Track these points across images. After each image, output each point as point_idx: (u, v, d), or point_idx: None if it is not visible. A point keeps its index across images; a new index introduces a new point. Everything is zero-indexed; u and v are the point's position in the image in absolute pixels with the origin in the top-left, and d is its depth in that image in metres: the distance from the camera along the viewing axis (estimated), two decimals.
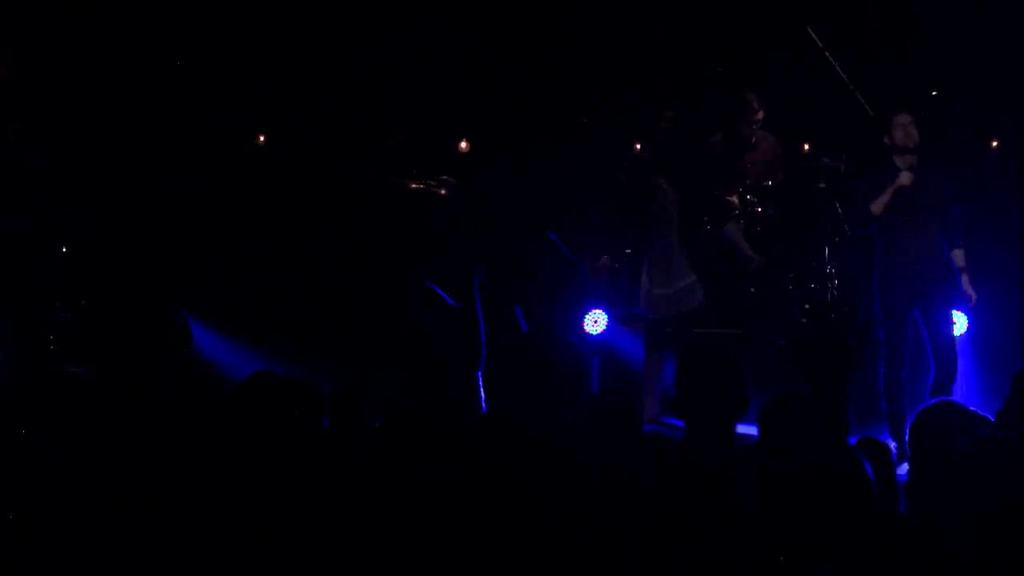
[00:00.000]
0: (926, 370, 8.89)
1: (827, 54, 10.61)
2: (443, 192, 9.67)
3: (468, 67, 11.01)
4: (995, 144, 11.15)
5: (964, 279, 8.87)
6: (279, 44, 10.96)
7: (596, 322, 10.34)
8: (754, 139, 10.57)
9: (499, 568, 4.19)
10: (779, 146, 10.85)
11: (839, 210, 10.86)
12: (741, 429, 4.66)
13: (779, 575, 4.04)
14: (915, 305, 8.75)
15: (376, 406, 5.42)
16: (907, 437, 4.74)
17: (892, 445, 8.23)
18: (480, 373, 8.89)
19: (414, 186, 9.75)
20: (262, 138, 11.24)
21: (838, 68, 10.57)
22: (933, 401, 4.77)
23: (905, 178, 8.64)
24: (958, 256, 8.88)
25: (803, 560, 4.01)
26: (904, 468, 5.43)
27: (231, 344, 9.84)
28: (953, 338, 8.81)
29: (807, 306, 10.79)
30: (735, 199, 10.37)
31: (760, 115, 10.49)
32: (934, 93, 10.80)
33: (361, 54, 11.05)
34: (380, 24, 11.07)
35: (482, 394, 8.85)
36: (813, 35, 10.71)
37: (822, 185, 10.88)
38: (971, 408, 4.70)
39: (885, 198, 8.64)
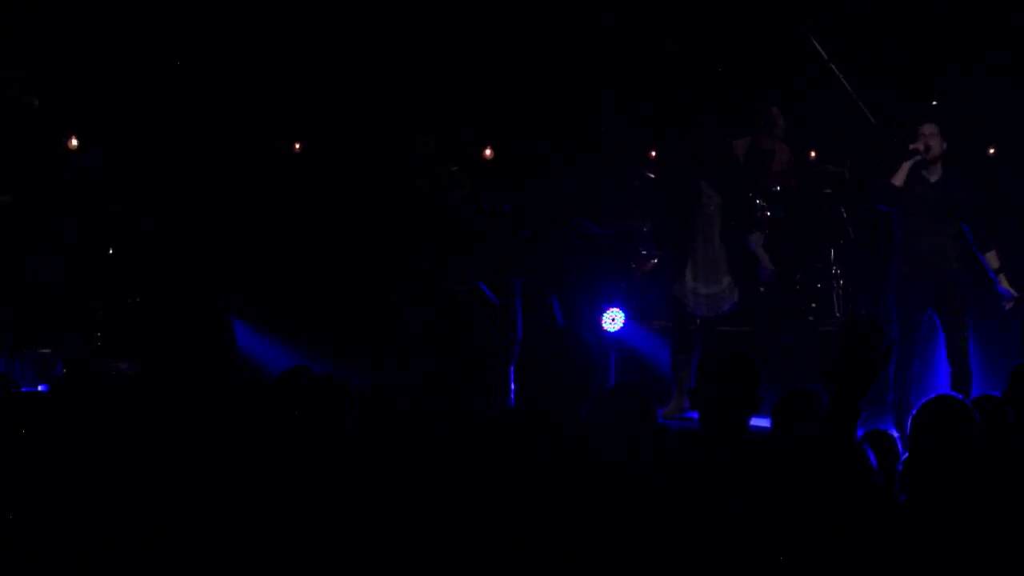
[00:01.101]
0: (935, 367, 8.87)
1: (832, 65, 10.61)
2: (458, 193, 9.67)
3: (495, 75, 11.04)
4: (992, 151, 11.13)
5: (1002, 278, 8.83)
6: (314, 54, 11.00)
7: (613, 320, 10.35)
8: (773, 151, 10.65)
9: (517, 557, 4.19)
10: (792, 156, 10.91)
11: (843, 214, 10.88)
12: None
13: (782, 566, 4.04)
14: (930, 306, 8.74)
15: (403, 402, 5.39)
16: (908, 429, 4.74)
17: (896, 435, 8.23)
18: (512, 367, 8.89)
19: (434, 187, 9.76)
20: (297, 145, 11.27)
21: (842, 78, 10.58)
22: (934, 395, 4.78)
23: (920, 147, 8.64)
24: (992, 258, 8.82)
25: (806, 545, 4.02)
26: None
27: (269, 341, 9.86)
28: (967, 341, 8.78)
29: (813, 305, 10.80)
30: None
31: (782, 130, 10.57)
32: (934, 103, 10.78)
33: (391, 62, 11.07)
34: (409, 32, 11.09)
35: (512, 387, 8.85)
36: (818, 47, 10.71)
37: (827, 190, 10.92)
38: (970, 404, 4.70)
39: (903, 172, 8.66)
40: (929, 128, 8.73)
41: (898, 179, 8.67)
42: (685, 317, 9.35)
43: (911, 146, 8.67)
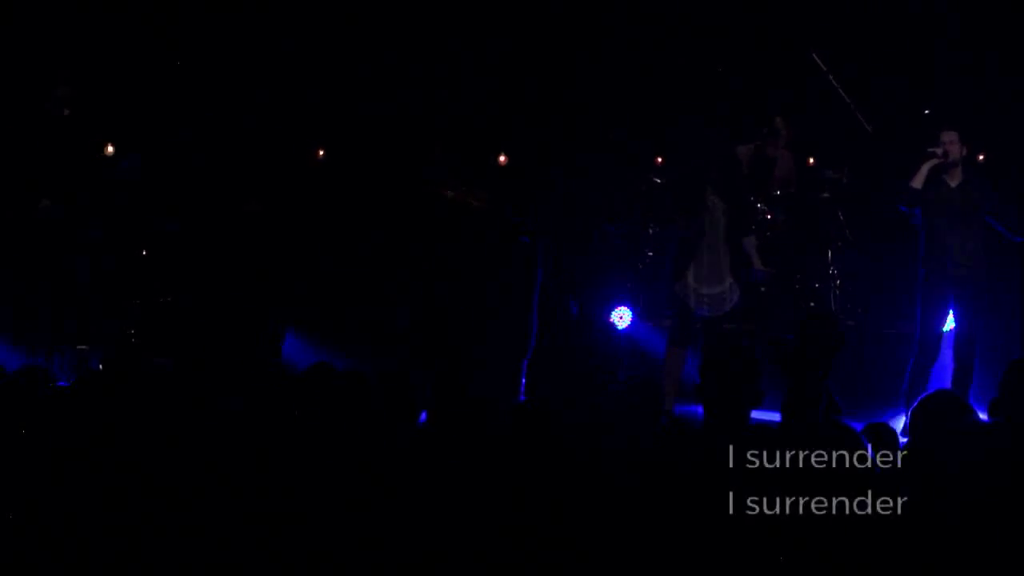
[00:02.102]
0: (940, 361, 8.86)
1: (830, 77, 10.60)
2: (475, 204, 9.66)
3: (506, 82, 11.02)
4: (981, 157, 11.09)
5: None
6: (332, 66, 11.01)
7: (621, 318, 10.34)
8: (776, 158, 10.65)
9: (529, 547, 4.16)
10: (795, 163, 10.89)
11: (840, 217, 10.86)
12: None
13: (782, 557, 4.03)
14: (950, 306, 8.73)
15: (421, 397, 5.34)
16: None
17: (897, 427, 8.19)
18: (526, 363, 8.90)
19: (451, 195, 9.75)
20: (321, 153, 11.25)
21: (840, 89, 10.56)
22: (933, 391, 4.76)
23: (938, 151, 8.63)
24: None
25: (806, 535, 4.00)
26: None
27: (297, 338, 9.85)
28: (974, 340, 8.76)
29: (812, 303, 10.78)
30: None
31: (786, 139, 10.57)
32: (927, 111, 10.75)
33: (405, 69, 11.06)
34: (423, 42, 11.09)
35: (523, 383, 8.84)
36: (817, 59, 10.69)
37: (826, 195, 10.90)
38: (967, 401, 4.69)
39: (922, 174, 8.64)
40: (949, 136, 8.72)
41: (917, 181, 8.67)
42: (686, 313, 9.32)
43: (929, 148, 8.66)
